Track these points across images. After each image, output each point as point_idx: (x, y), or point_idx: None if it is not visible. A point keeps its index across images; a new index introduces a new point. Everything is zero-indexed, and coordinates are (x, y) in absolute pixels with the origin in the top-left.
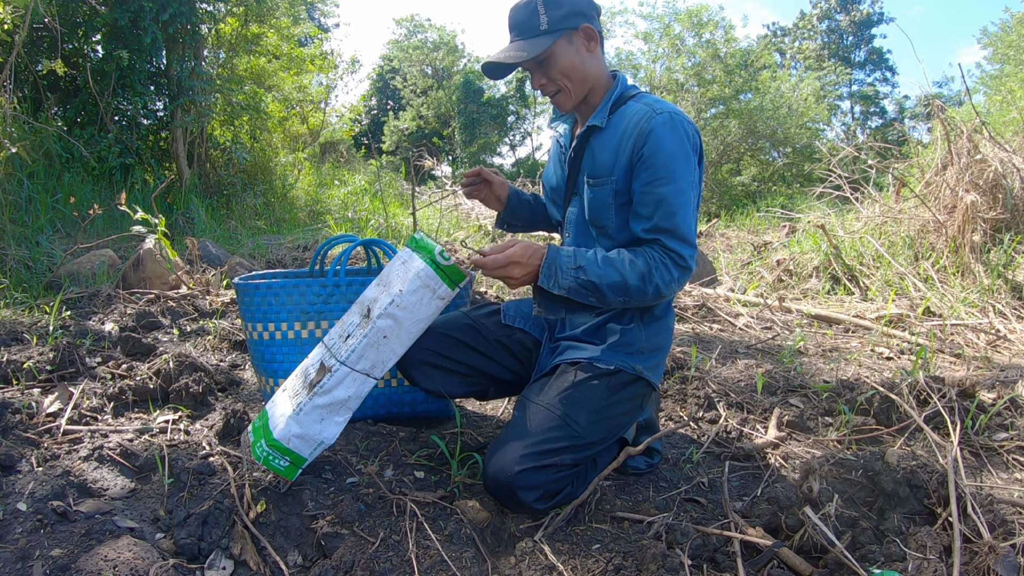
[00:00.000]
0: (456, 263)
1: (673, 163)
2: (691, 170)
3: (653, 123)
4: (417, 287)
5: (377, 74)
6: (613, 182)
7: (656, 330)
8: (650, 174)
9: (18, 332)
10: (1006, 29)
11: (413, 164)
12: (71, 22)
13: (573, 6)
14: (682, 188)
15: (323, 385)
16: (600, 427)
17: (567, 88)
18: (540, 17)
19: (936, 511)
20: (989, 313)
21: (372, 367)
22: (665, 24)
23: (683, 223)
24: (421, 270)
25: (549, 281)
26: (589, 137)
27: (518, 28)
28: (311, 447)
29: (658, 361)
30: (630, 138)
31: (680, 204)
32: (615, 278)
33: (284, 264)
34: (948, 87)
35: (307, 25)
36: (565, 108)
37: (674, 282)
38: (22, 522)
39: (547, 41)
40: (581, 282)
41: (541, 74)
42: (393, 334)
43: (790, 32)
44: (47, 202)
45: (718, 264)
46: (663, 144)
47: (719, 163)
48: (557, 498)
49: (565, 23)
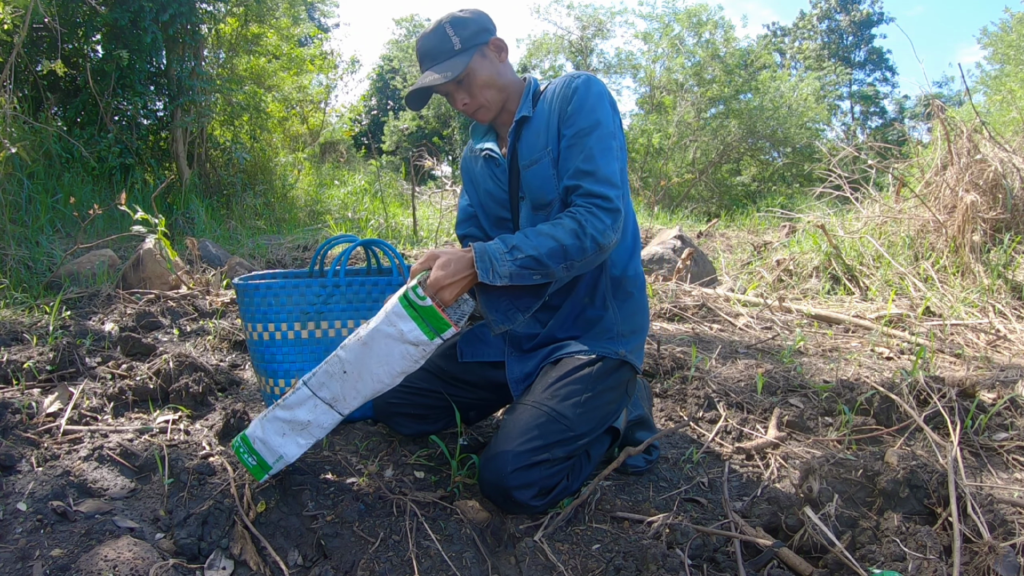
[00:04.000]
0: (435, 307)
1: (593, 113)
2: (610, 119)
3: (574, 84)
4: (383, 324)
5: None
6: (548, 152)
7: (632, 310)
8: (574, 127)
9: (18, 332)
10: (1006, 29)
11: (413, 164)
12: (71, 22)
13: (479, 23)
14: (603, 135)
15: (287, 399)
16: (588, 418)
17: (487, 101)
18: (451, 39)
19: (936, 511)
20: (989, 313)
21: (334, 399)
22: (665, 24)
23: (604, 165)
24: (392, 306)
25: (488, 273)
26: (520, 130)
27: (431, 55)
28: (272, 457)
29: (638, 343)
30: (556, 107)
31: (601, 149)
32: (550, 244)
33: (284, 264)
34: (948, 87)
35: (307, 25)
36: (486, 120)
37: (608, 229)
38: (22, 522)
39: (465, 59)
40: (520, 261)
41: (464, 92)
42: (352, 371)
43: (790, 32)
44: (47, 202)
45: (718, 264)
46: (585, 99)
47: (719, 163)
48: (553, 493)
49: (476, 39)
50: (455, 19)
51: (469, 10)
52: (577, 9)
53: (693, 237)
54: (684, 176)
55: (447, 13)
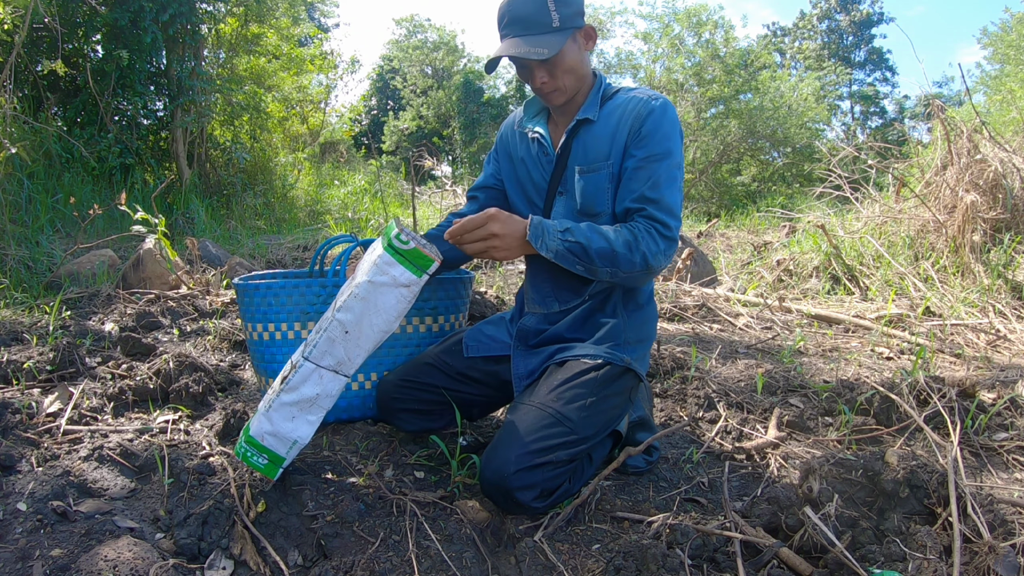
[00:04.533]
0: (419, 248)
1: (667, 142)
2: (681, 152)
3: (651, 106)
4: (375, 276)
5: (377, 74)
6: (609, 166)
7: (641, 320)
8: (646, 151)
9: (18, 332)
10: (1006, 29)
11: (413, 164)
12: (71, 22)
13: (579, 5)
14: (671, 165)
15: (289, 381)
16: (592, 422)
17: (565, 86)
18: (551, 14)
19: (936, 511)
20: (989, 313)
21: (339, 364)
22: (664, 24)
23: (669, 195)
24: (378, 257)
25: (537, 240)
26: (579, 130)
27: (523, 23)
28: (286, 445)
29: (644, 352)
30: (627, 123)
31: (668, 179)
32: (602, 244)
33: (284, 264)
34: (948, 87)
35: (307, 25)
36: (557, 103)
37: (660, 253)
38: (22, 522)
39: (561, 39)
40: (569, 244)
41: (545, 71)
42: (354, 328)
43: (790, 32)
44: (47, 202)
45: (718, 264)
46: (660, 124)
47: (719, 163)
48: (554, 495)
49: (573, 21)
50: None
51: None
52: None
53: (693, 237)
54: (684, 176)
55: None
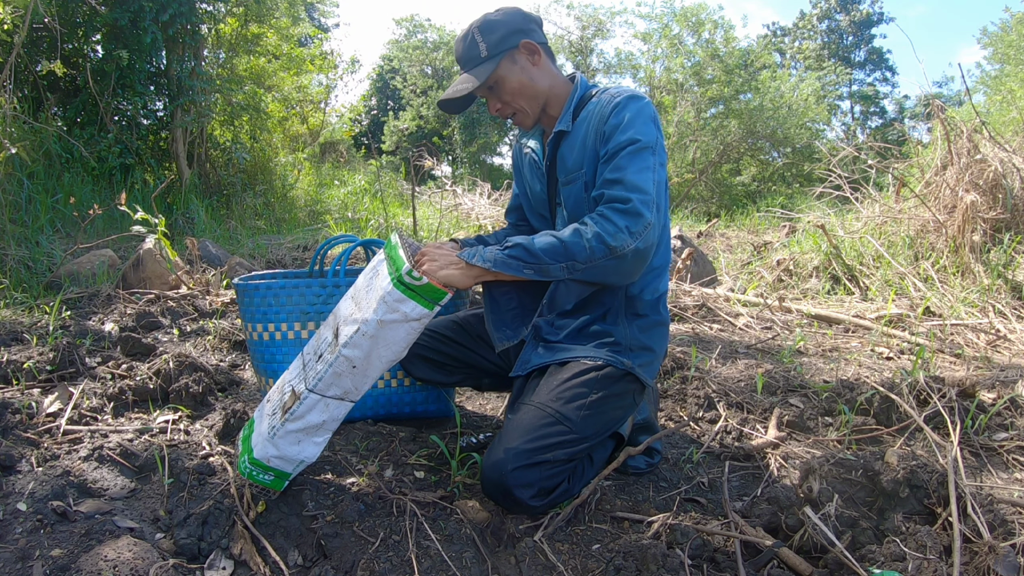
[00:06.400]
0: (432, 283)
1: (629, 130)
2: (651, 135)
3: (614, 103)
4: (384, 315)
5: (377, 74)
6: (583, 174)
7: (643, 327)
8: (611, 145)
9: (18, 332)
10: (1006, 29)
11: (413, 164)
12: (71, 22)
13: (508, 26)
14: (636, 148)
15: (294, 412)
16: (592, 422)
17: (522, 107)
18: (479, 46)
19: (936, 511)
20: (989, 313)
21: (345, 393)
22: (664, 24)
23: (632, 174)
24: (387, 294)
25: (472, 256)
26: (559, 143)
27: (463, 61)
28: (292, 465)
29: (650, 360)
30: (593, 126)
31: (631, 160)
32: (548, 240)
33: (284, 264)
34: (948, 87)
35: (307, 25)
36: (526, 126)
37: (620, 231)
38: (22, 522)
39: (490, 66)
40: (508, 251)
41: (495, 99)
42: (362, 363)
43: (790, 32)
44: (47, 202)
45: (718, 264)
46: (622, 117)
47: (719, 163)
48: (553, 495)
49: (503, 45)
50: (484, 23)
51: (503, 10)
52: (577, 9)
53: (693, 237)
54: (684, 176)
55: (480, 16)
